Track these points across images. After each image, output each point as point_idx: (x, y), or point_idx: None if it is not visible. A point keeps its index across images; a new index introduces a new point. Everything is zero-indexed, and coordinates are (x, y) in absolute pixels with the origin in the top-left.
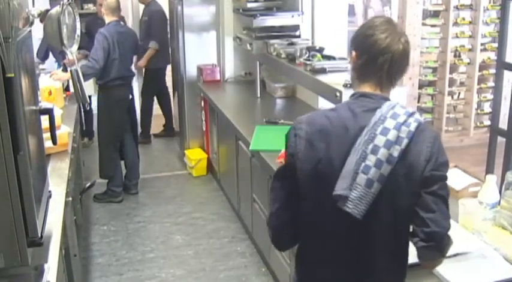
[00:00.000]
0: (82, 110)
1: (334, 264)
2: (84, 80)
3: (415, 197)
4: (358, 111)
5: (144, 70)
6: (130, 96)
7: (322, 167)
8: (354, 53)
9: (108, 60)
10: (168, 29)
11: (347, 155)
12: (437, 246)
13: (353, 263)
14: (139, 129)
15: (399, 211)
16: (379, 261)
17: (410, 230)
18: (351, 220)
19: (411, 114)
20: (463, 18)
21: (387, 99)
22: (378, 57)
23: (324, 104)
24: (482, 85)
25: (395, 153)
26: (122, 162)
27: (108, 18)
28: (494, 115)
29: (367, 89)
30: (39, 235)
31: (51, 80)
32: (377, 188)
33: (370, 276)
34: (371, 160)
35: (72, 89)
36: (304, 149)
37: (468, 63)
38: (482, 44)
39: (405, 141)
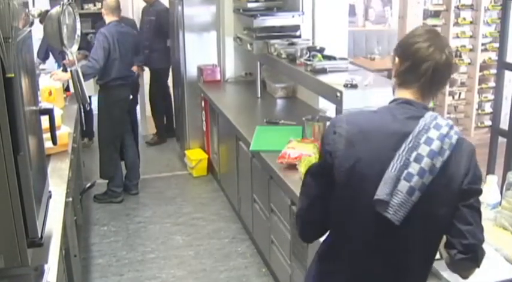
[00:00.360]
0: (82, 110)
1: (357, 265)
2: (85, 80)
3: (450, 208)
4: (401, 117)
5: (149, 71)
6: (131, 97)
7: (360, 167)
8: (396, 59)
9: (108, 60)
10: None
11: (388, 159)
12: (473, 257)
13: (378, 266)
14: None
15: (433, 220)
16: (406, 266)
17: (443, 240)
18: (383, 224)
19: (451, 127)
20: (464, 19)
21: (427, 108)
22: (421, 65)
23: (324, 104)
24: (483, 85)
25: (438, 164)
26: (122, 163)
27: (108, 18)
28: (495, 115)
29: (408, 96)
30: (39, 235)
31: (51, 80)
32: (417, 197)
33: (395, 280)
34: (414, 168)
35: (72, 89)
36: (343, 148)
37: (469, 64)
38: (483, 44)
39: (447, 153)
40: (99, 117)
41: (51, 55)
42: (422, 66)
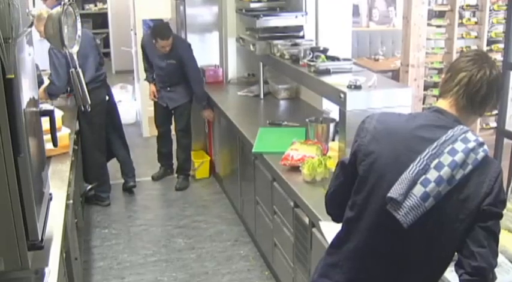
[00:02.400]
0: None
1: (357, 263)
2: (52, 99)
3: (463, 225)
4: (429, 124)
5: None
6: (107, 98)
7: (379, 164)
8: (443, 75)
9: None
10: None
11: (408, 160)
12: (480, 281)
13: (377, 268)
14: None
15: (442, 232)
16: (406, 276)
17: (455, 257)
18: (391, 225)
19: (481, 144)
20: (469, 19)
21: (459, 122)
22: (457, 74)
23: (328, 105)
24: None
25: (458, 176)
26: (114, 161)
27: None
28: (501, 117)
29: (443, 105)
30: (40, 238)
31: None
32: (430, 204)
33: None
34: (432, 175)
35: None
36: (367, 143)
37: None
38: (488, 45)
39: (469, 168)
40: (80, 123)
41: None
42: (458, 76)
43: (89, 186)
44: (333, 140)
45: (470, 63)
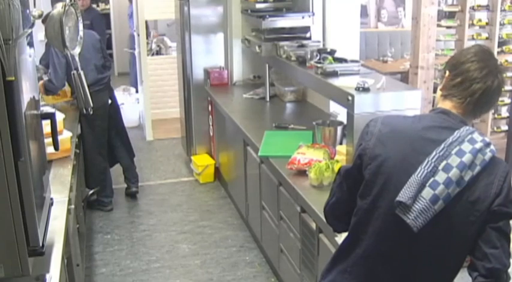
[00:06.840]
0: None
1: (366, 269)
2: (49, 95)
3: (473, 226)
4: (435, 125)
5: None
6: (110, 101)
7: (386, 167)
8: (447, 73)
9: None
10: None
11: (416, 162)
12: None
13: (387, 274)
14: None
15: (454, 235)
16: (416, 277)
17: (467, 259)
18: (401, 229)
19: (487, 144)
20: (480, 20)
21: (465, 123)
22: (471, 85)
23: (335, 108)
24: None
25: (467, 178)
26: (117, 165)
27: None
28: None
29: (448, 106)
30: (41, 244)
31: None
32: (440, 206)
33: None
34: (441, 177)
35: None
36: (372, 146)
37: None
38: (499, 46)
39: (478, 169)
40: (82, 128)
41: None
42: (472, 87)
43: (91, 191)
44: (341, 143)
45: (484, 72)
